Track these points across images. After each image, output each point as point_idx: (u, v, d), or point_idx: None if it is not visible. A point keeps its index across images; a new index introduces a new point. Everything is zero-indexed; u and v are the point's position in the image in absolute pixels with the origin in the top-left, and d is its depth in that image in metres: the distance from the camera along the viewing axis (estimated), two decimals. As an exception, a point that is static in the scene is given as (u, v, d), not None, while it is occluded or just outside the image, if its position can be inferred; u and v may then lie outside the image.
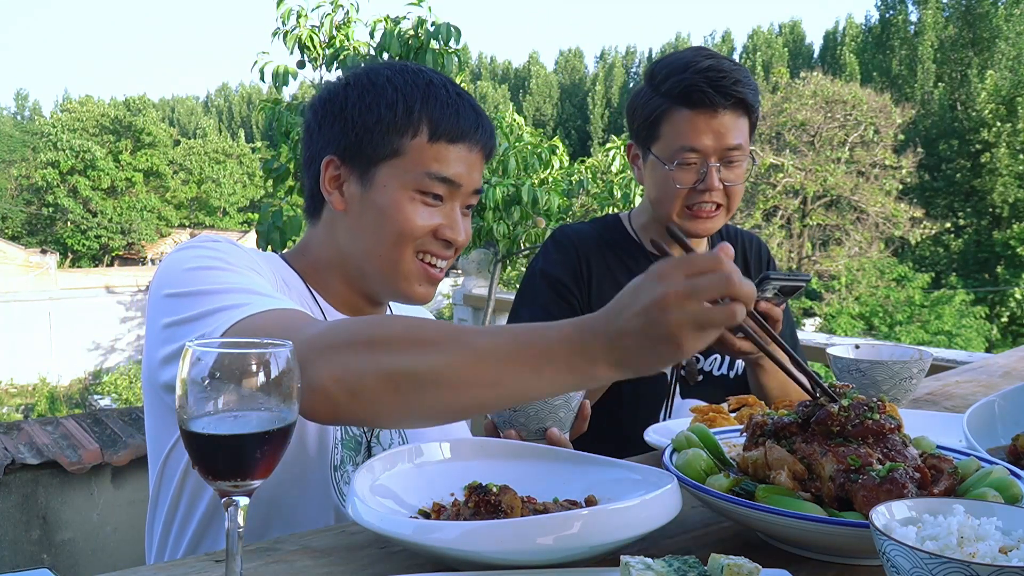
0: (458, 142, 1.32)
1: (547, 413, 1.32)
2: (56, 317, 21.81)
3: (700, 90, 1.72)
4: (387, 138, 1.30)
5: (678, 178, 1.77)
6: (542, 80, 57.80)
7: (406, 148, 1.30)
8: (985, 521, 0.84)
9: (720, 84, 1.72)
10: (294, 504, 1.30)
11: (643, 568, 0.83)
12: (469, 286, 6.06)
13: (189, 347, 0.82)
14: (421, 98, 1.31)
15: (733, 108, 1.75)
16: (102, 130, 39.67)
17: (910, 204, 24.79)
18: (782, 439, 1.08)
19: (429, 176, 1.30)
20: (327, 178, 1.34)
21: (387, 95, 1.31)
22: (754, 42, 49.19)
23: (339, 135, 1.33)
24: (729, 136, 1.75)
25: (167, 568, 1.00)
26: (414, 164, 1.30)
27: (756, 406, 1.54)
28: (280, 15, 6.28)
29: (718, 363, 1.93)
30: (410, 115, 1.30)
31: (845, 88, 24.74)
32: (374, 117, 1.30)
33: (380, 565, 1.00)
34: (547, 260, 1.91)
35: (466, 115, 1.33)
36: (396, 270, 1.34)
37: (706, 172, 1.76)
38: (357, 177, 1.33)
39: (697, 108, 1.74)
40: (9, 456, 3.47)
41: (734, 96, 1.73)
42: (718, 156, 1.76)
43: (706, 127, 1.74)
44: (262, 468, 0.83)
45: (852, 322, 20.61)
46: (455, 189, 1.33)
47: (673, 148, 1.77)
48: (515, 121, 6.78)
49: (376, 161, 1.31)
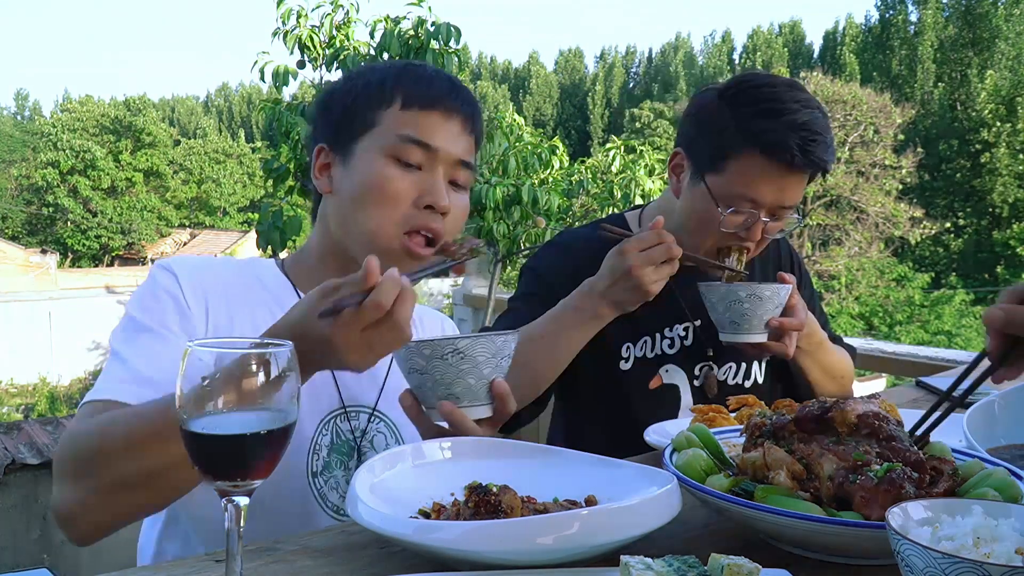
0: (431, 108, 1.32)
1: (452, 378, 1.23)
2: (56, 317, 21.79)
3: (789, 150, 1.58)
4: (364, 114, 1.32)
5: (726, 222, 1.66)
6: (542, 80, 57.82)
7: (381, 118, 1.32)
8: (1003, 522, 0.84)
9: (811, 148, 1.59)
10: (267, 513, 1.27)
11: (643, 568, 0.83)
12: (469, 286, 6.06)
13: (189, 347, 0.82)
14: (396, 74, 1.34)
15: (815, 171, 1.65)
16: (102, 130, 39.67)
17: (910, 204, 24.81)
18: (780, 440, 1.08)
19: (402, 139, 1.30)
20: (317, 166, 1.37)
21: (366, 76, 1.36)
22: (754, 42, 49.20)
23: (326, 124, 1.37)
24: (791, 195, 1.66)
25: (167, 568, 1.00)
26: (387, 130, 1.31)
27: (756, 406, 1.54)
28: (280, 15, 6.28)
29: (733, 371, 1.88)
30: (383, 88, 1.32)
31: (845, 88, 24.76)
32: (352, 96, 1.34)
33: (380, 565, 1.00)
34: (541, 261, 1.87)
35: (440, 85, 1.34)
36: (376, 245, 1.29)
37: (753, 223, 1.65)
38: (340, 158, 1.35)
39: (778, 162, 1.60)
40: (9, 456, 3.48)
41: (819, 164, 1.62)
42: (771, 211, 1.66)
43: (776, 184, 1.63)
44: (262, 468, 0.83)
45: (852, 322, 20.62)
46: (432, 154, 1.31)
47: (733, 192, 1.64)
48: (515, 121, 6.78)
49: (354, 137, 1.33)
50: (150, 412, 1.10)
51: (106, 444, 1.12)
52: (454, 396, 1.24)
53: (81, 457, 1.14)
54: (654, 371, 1.81)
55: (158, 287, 1.31)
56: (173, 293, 1.30)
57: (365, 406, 1.42)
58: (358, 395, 1.41)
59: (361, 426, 1.41)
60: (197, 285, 1.32)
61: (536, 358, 1.59)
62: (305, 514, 1.33)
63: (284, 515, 1.29)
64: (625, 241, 1.56)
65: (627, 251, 1.53)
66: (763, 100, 1.62)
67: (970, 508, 0.86)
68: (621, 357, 1.80)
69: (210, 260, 1.42)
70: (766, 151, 1.60)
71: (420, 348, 1.23)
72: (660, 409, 1.79)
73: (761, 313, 1.63)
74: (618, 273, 1.54)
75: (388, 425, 1.43)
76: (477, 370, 1.23)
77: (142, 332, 1.26)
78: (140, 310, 1.29)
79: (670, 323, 1.82)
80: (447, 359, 1.22)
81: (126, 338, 1.27)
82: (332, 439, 1.37)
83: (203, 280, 1.33)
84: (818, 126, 1.61)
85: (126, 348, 1.25)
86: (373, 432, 1.42)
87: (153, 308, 1.28)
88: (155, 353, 1.23)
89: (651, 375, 1.81)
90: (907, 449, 1.03)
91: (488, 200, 5.64)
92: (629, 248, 1.53)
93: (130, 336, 1.27)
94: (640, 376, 1.81)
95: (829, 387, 1.86)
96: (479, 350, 1.23)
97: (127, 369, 1.22)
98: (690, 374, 1.83)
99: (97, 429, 1.14)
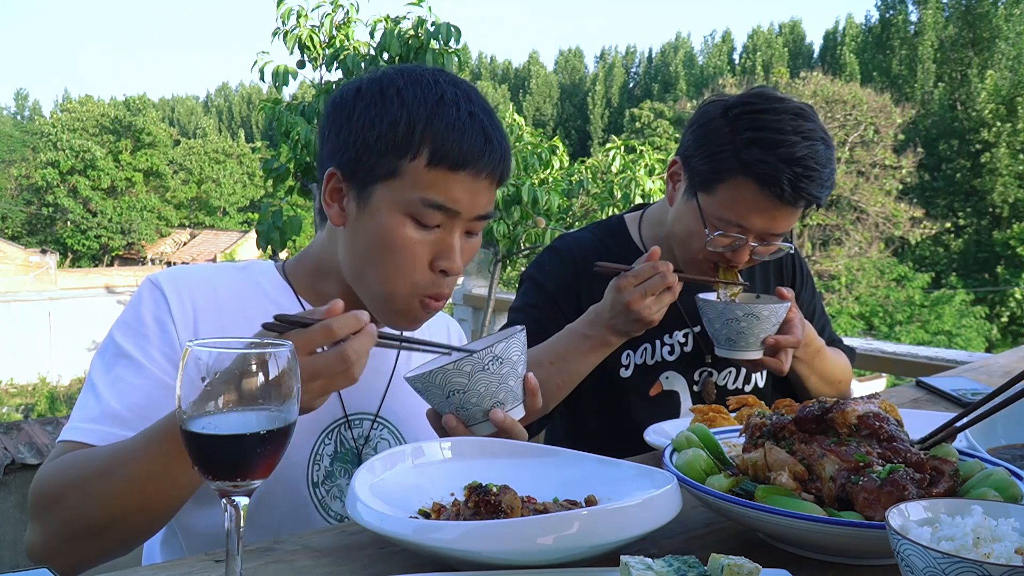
0: (460, 170, 1.22)
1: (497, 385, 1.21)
2: (56, 317, 21.82)
3: (779, 184, 1.56)
4: (386, 158, 1.22)
5: (713, 243, 1.66)
6: (542, 80, 57.79)
7: (404, 170, 1.22)
8: (1003, 522, 0.84)
9: (803, 185, 1.57)
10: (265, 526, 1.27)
11: (643, 568, 0.83)
12: (469, 286, 6.06)
13: (189, 347, 0.82)
14: (426, 117, 1.21)
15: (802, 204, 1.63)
16: (102, 130, 39.69)
17: (910, 204, 24.82)
18: (780, 440, 1.08)
19: (424, 203, 1.21)
20: (328, 190, 1.30)
21: (392, 110, 1.22)
22: (754, 42, 49.16)
23: (342, 146, 1.26)
24: (782, 225, 1.65)
25: (167, 568, 1.00)
26: (410, 188, 1.22)
27: (756, 406, 1.54)
28: (280, 15, 6.28)
29: (733, 376, 1.88)
30: (411, 135, 1.21)
31: (845, 88, 24.77)
32: (375, 134, 1.22)
33: (380, 565, 1.00)
34: (541, 270, 1.86)
35: (473, 139, 1.22)
36: (389, 304, 1.28)
37: (740, 247, 1.65)
38: (355, 195, 1.26)
39: (768, 192, 1.59)
40: (9, 456, 3.47)
41: (811, 200, 1.61)
42: (759, 237, 1.66)
43: (766, 214, 1.62)
44: (262, 468, 0.83)
45: (852, 322, 20.62)
46: (453, 217, 1.24)
47: (722, 216, 1.64)
48: (515, 121, 6.78)
49: (373, 180, 1.24)
50: (108, 462, 1.12)
51: (65, 489, 1.13)
52: (499, 403, 1.23)
53: (43, 501, 1.16)
54: (654, 378, 1.82)
55: (144, 309, 1.28)
56: (158, 316, 1.27)
57: (368, 413, 1.41)
58: (360, 403, 1.40)
59: (364, 433, 1.40)
60: (187, 303, 1.28)
61: (546, 383, 1.56)
62: (306, 526, 1.32)
63: (282, 527, 1.28)
64: (621, 276, 1.57)
65: (623, 287, 1.55)
66: (763, 128, 1.59)
67: (970, 508, 0.86)
68: (621, 364, 1.80)
69: (205, 270, 1.38)
70: (758, 181, 1.58)
71: (459, 367, 1.20)
72: (661, 415, 1.78)
73: (758, 332, 1.65)
74: (618, 307, 1.56)
75: (391, 431, 1.43)
76: (515, 371, 1.24)
77: (120, 359, 1.25)
78: (122, 333, 1.27)
79: (669, 330, 1.82)
80: (489, 368, 1.21)
81: (104, 366, 1.26)
82: (336, 448, 1.36)
83: (194, 296, 1.30)
84: (817, 160, 1.58)
85: (102, 378, 1.24)
86: (376, 439, 1.41)
87: (135, 333, 1.26)
88: (129, 386, 1.23)
89: (651, 382, 1.82)
90: (907, 449, 1.03)
91: (488, 200, 5.63)
92: (625, 284, 1.55)
93: (108, 363, 1.25)
94: (640, 383, 1.82)
95: (826, 391, 1.87)
96: (513, 351, 1.23)
97: (99, 405, 1.22)
98: (690, 380, 1.84)
99: (59, 471, 1.16)
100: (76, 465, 1.15)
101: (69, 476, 1.14)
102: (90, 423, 1.20)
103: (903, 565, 0.79)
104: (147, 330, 1.26)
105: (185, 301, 1.29)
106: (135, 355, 1.24)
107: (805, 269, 2.03)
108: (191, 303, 1.29)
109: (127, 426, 1.18)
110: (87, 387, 1.26)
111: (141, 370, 1.23)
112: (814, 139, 1.59)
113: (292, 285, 1.39)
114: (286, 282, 1.39)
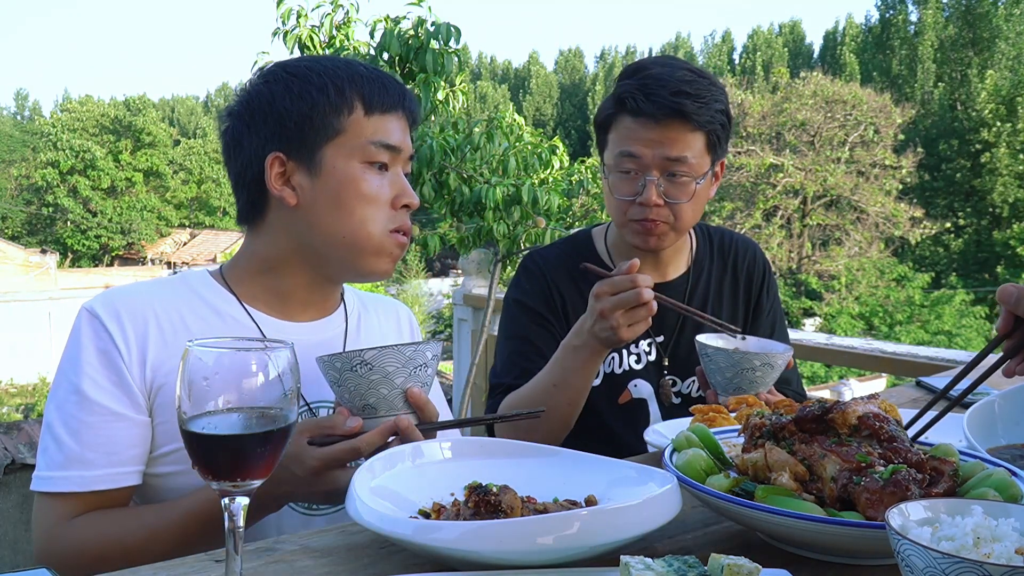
0: (390, 112, 1.38)
1: (365, 389, 1.27)
2: (56, 317, 21.78)
3: (633, 97, 1.67)
4: (325, 120, 1.34)
5: (616, 186, 1.72)
6: (542, 80, 57.79)
7: (346, 124, 1.34)
8: (1003, 522, 0.84)
9: (654, 93, 1.65)
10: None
11: (643, 568, 0.83)
12: (469, 286, 6.05)
13: (189, 347, 0.82)
14: (347, 77, 1.36)
15: (677, 120, 1.67)
16: (102, 130, 39.71)
17: (910, 204, 24.79)
18: (780, 440, 1.08)
19: (373, 145, 1.35)
20: (273, 176, 1.34)
21: (314, 80, 1.35)
22: (754, 42, 49.15)
23: (275, 130, 1.34)
24: (669, 148, 1.67)
25: (167, 568, 1.00)
26: (356, 137, 1.35)
27: (756, 406, 1.54)
28: (280, 15, 6.27)
29: (696, 385, 1.90)
30: (342, 94, 1.34)
31: (845, 88, 24.74)
32: (308, 103, 1.33)
33: (380, 565, 1.00)
34: (520, 290, 1.90)
35: (390, 86, 1.39)
36: (368, 245, 1.37)
37: (644, 186, 1.69)
38: (305, 167, 1.35)
39: (637, 116, 1.68)
40: (9, 456, 3.48)
41: (668, 107, 1.65)
42: (660, 169, 1.69)
43: (644, 135, 1.68)
44: (262, 468, 0.84)
45: (852, 322, 20.61)
46: (396, 154, 1.39)
47: (614, 154, 1.73)
48: (515, 121, 6.77)
49: (319, 145, 1.34)
50: (143, 541, 1.22)
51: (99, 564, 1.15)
52: (370, 407, 1.27)
53: (80, 561, 1.23)
54: (622, 386, 1.87)
55: (86, 342, 1.29)
56: (100, 347, 1.29)
57: (327, 401, 1.43)
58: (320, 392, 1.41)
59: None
60: (127, 327, 1.30)
61: (560, 403, 1.67)
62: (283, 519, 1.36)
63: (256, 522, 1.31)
64: (599, 283, 1.55)
65: (599, 294, 1.54)
66: (629, 69, 1.75)
67: (970, 508, 0.86)
68: None
69: (139, 289, 1.39)
70: (622, 106, 1.71)
71: (332, 361, 1.27)
72: (631, 422, 1.84)
73: (769, 380, 1.63)
74: (595, 314, 1.55)
75: None
76: (389, 380, 1.27)
77: (71, 396, 1.28)
78: (68, 370, 1.29)
79: (635, 339, 1.83)
80: (357, 371, 1.25)
81: (56, 406, 1.29)
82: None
83: (134, 317, 1.31)
84: (674, 75, 1.67)
85: (56, 420, 1.28)
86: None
87: (79, 369, 1.28)
88: (83, 425, 1.26)
89: (620, 390, 1.87)
90: (908, 449, 1.02)
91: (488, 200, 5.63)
92: (601, 292, 1.54)
93: (60, 403, 1.28)
94: (609, 391, 1.87)
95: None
96: (388, 361, 1.27)
97: (61, 451, 1.26)
98: (656, 388, 1.88)
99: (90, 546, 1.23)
100: (107, 544, 1.23)
101: (104, 552, 1.22)
102: (59, 471, 1.25)
103: (903, 565, 0.79)
104: (91, 364, 1.28)
105: (126, 325, 1.30)
106: (84, 390, 1.27)
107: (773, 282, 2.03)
108: (131, 326, 1.30)
109: (93, 466, 1.25)
110: (45, 430, 1.29)
111: (92, 406, 1.26)
112: (676, 66, 1.72)
113: (232, 289, 1.41)
114: (224, 287, 1.41)
